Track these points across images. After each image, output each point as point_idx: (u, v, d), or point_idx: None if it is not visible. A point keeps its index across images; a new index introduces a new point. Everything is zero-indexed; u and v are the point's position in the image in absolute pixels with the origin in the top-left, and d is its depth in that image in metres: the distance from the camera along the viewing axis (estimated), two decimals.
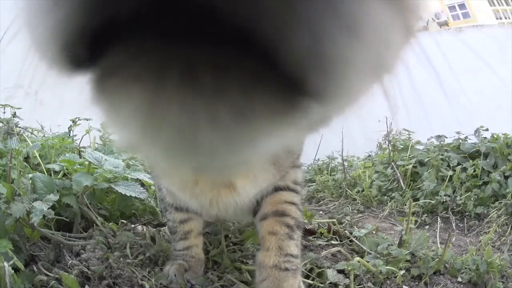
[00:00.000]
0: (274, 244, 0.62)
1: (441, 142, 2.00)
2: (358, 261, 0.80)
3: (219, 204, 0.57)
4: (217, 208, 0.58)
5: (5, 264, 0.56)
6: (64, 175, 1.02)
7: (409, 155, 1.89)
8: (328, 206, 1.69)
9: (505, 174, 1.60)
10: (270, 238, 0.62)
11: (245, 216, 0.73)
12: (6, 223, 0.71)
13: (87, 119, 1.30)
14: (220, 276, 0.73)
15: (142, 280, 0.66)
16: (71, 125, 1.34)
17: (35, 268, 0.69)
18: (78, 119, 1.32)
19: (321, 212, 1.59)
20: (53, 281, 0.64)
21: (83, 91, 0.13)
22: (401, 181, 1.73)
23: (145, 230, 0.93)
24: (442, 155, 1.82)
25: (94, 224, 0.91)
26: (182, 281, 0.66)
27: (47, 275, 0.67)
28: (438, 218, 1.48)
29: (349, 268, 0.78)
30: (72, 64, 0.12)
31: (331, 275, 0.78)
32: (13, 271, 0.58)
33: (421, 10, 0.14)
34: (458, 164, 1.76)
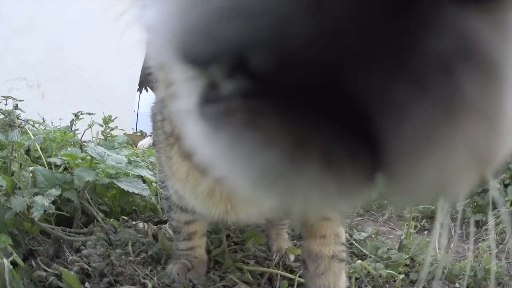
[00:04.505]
0: (332, 230, 0.55)
1: None
2: (360, 264, 0.80)
3: (239, 213, 0.51)
4: (236, 217, 0.52)
5: (5, 260, 0.55)
6: (65, 169, 1.01)
7: None
8: None
9: (505, 182, 1.61)
10: (325, 225, 0.55)
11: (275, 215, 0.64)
12: (6, 217, 0.69)
13: (89, 114, 1.29)
14: (222, 276, 0.72)
15: (144, 278, 0.65)
16: (73, 119, 1.33)
17: (33, 263, 0.68)
18: (81, 113, 1.31)
19: None
20: (52, 277, 0.63)
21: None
22: None
23: (146, 227, 0.93)
24: None
25: (95, 220, 0.90)
26: (184, 280, 0.65)
27: (46, 270, 0.66)
28: None
29: (350, 271, 0.78)
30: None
31: None
32: (11, 266, 0.57)
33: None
34: None
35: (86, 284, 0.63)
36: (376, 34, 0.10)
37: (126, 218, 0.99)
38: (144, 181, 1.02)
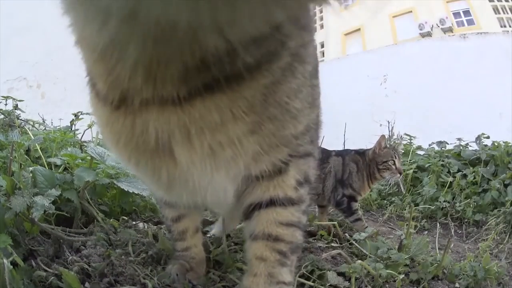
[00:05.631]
0: (263, 271, 0.52)
1: (442, 148, 2.02)
2: (360, 264, 0.80)
3: (173, 183, 0.43)
4: (191, 187, 0.44)
5: (5, 261, 0.55)
6: (65, 169, 1.01)
7: (410, 160, 1.90)
8: (328, 208, 1.69)
9: (505, 182, 1.61)
10: (258, 264, 0.53)
11: (229, 210, 0.60)
12: (6, 217, 0.70)
13: (89, 114, 1.29)
14: (222, 276, 0.72)
15: (144, 278, 0.65)
16: (73, 119, 1.33)
17: (33, 263, 0.68)
18: (81, 113, 1.31)
19: None
20: (52, 277, 0.63)
21: None
22: (401, 185, 1.73)
23: (146, 227, 0.93)
24: (443, 161, 1.83)
25: (95, 220, 0.90)
26: (184, 281, 0.65)
27: (46, 270, 0.66)
28: (437, 224, 1.49)
29: (351, 271, 0.78)
30: None
31: (332, 277, 0.78)
32: (11, 266, 0.57)
33: None
34: (459, 170, 1.77)
35: (86, 284, 0.62)
36: None
37: (126, 218, 0.99)
38: None
